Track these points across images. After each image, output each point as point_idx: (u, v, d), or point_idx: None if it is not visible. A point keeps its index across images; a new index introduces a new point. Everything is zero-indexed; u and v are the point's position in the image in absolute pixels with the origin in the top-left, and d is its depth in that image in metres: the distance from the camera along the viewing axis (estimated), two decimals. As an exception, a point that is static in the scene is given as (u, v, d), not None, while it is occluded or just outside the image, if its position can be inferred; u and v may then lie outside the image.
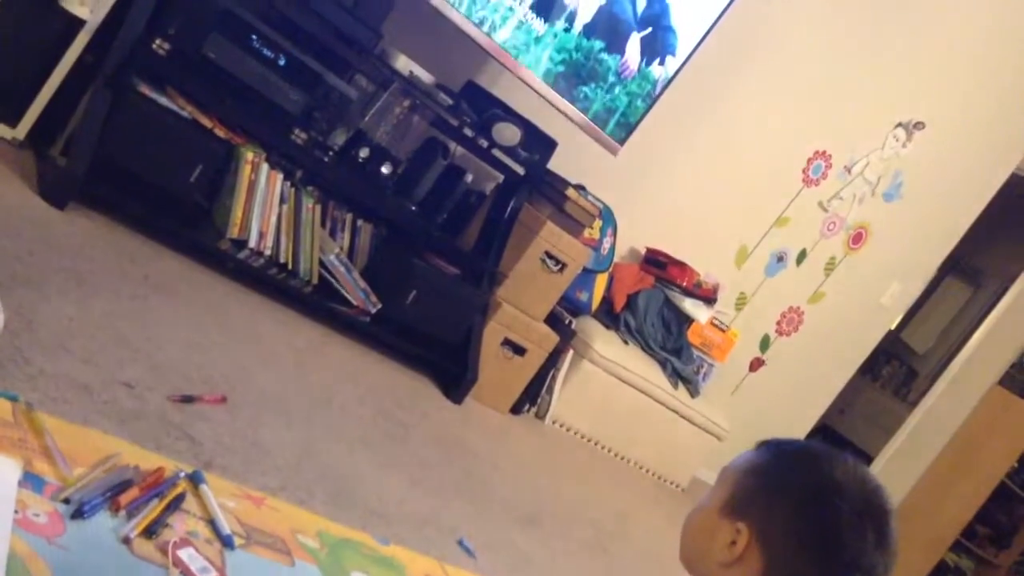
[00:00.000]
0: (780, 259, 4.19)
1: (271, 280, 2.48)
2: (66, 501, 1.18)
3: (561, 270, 3.05)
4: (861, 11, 3.78)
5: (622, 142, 3.06)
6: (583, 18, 2.84)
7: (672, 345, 3.80)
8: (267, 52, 2.46)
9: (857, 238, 4.31)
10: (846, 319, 4.45)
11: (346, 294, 2.68)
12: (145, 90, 2.24)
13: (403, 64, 2.74)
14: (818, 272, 4.30)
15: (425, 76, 2.78)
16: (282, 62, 2.49)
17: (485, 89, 3.02)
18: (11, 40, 2.24)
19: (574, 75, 2.89)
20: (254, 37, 2.44)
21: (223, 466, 1.57)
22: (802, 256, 4.23)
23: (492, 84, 3.08)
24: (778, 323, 4.32)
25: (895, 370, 6.88)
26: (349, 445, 2.03)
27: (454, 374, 2.85)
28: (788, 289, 4.26)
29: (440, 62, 2.91)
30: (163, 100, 2.28)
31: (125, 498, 1.25)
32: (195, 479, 1.40)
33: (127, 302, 1.89)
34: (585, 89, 2.92)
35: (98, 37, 2.27)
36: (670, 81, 3.07)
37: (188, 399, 1.72)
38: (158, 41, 2.28)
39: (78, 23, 2.23)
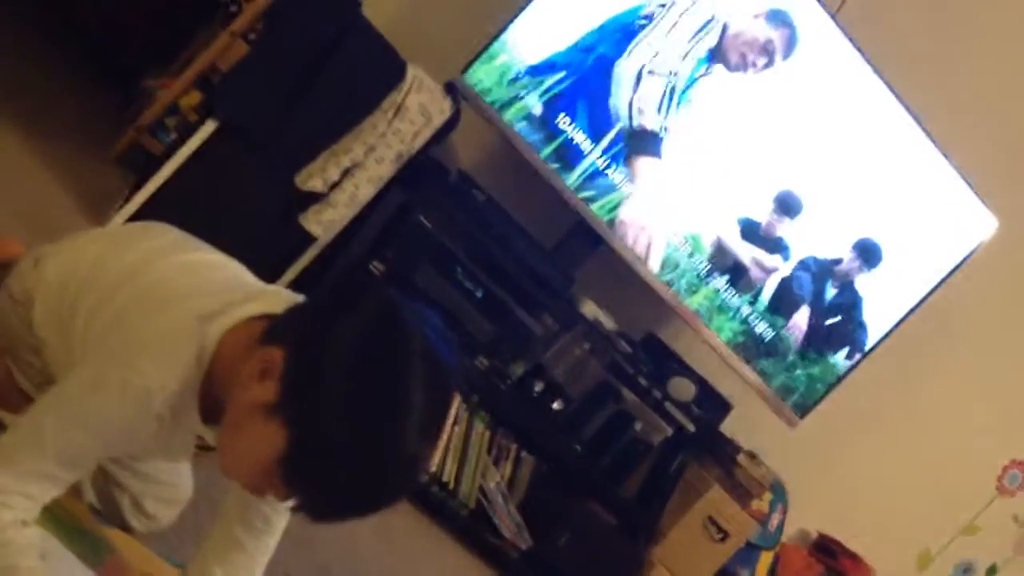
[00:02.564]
0: (967, 571, 3.78)
1: (432, 498, 2.50)
2: None
3: (724, 539, 2.89)
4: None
5: (802, 416, 2.98)
6: (768, 293, 2.90)
7: (837, 647, 3.43)
8: (468, 284, 2.65)
9: (1059, 561, 3.84)
10: (1044, 653, 3.87)
11: (500, 525, 2.65)
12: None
13: (590, 309, 2.85)
14: (1011, 593, 3.83)
15: (608, 323, 2.88)
16: (479, 294, 2.66)
17: (665, 343, 3.07)
18: (250, 248, 2.52)
19: (754, 347, 2.90)
20: (460, 270, 2.64)
21: None
22: (992, 571, 3.80)
23: (673, 339, 3.13)
24: (962, 644, 3.82)
25: None
26: None
27: (596, 633, 2.69)
28: (975, 606, 3.80)
29: (625, 311, 3.00)
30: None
31: None
32: None
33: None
34: (764, 363, 2.91)
35: (323, 253, 2.52)
36: (851, 370, 3.02)
37: (335, 603, 1.71)
38: (375, 262, 2.51)
39: (310, 239, 2.50)
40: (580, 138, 2.68)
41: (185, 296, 1.07)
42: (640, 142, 2.71)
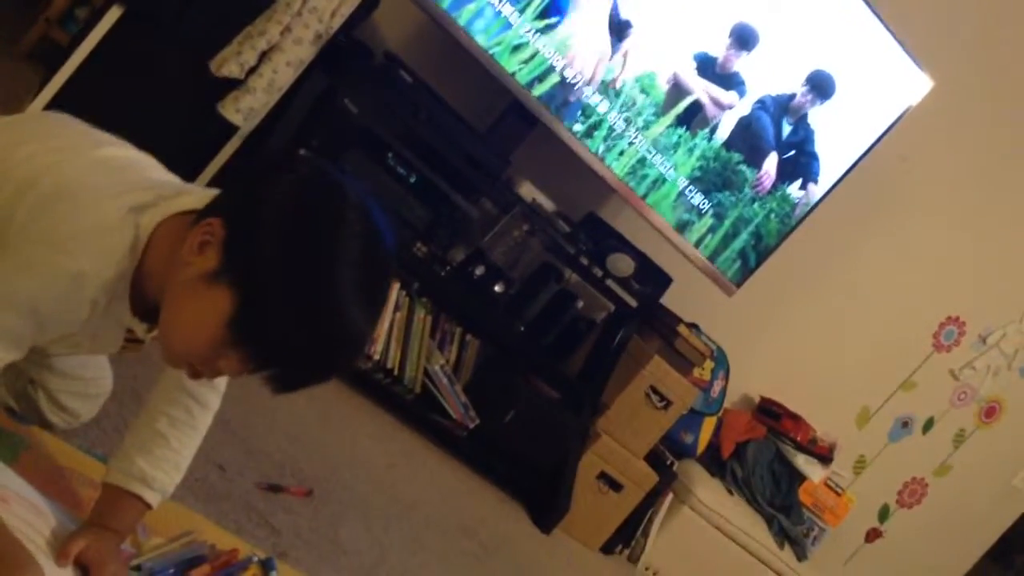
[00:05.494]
0: (905, 425, 3.95)
1: (376, 384, 2.53)
2: (137, 568, 1.20)
3: (666, 407, 2.98)
4: (1010, 178, 3.66)
5: (739, 284, 3.03)
6: (725, 130, 2.90)
7: (781, 502, 3.60)
8: (400, 169, 2.60)
9: (990, 412, 4.03)
10: (975, 497, 4.10)
11: (446, 406, 2.69)
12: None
13: (527, 191, 2.83)
14: (946, 443, 4.02)
15: (547, 204, 2.86)
16: (413, 180, 2.62)
17: (605, 221, 3.08)
18: (168, 140, 2.44)
19: (711, 182, 2.92)
20: (391, 155, 2.58)
21: (297, 558, 1.57)
22: (929, 424, 3.98)
23: (613, 217, 3.13)
24: (899, 493, 4.03)
25: (1033, 564, 6.23)
26: (426, 558, 1.99)
27: (545, 502, 2.79)
28: (912, 458, 3.99)
29: (564, 192, 2.99)
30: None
31: (196, 574, 1.26)
32: (267, 566, 1.40)
33: (235, 388, 1.96)
34: (720, 196, 2.93)
35: (246, 143, 2.45)
36: (810, 211, 3.05)
37: (275, 488, 1.74)
38: (301, 151, 2.44)
39: (232, 129, 2.42)
40: (508, 11, 2.59)
41: (115, 193, 1.04)
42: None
